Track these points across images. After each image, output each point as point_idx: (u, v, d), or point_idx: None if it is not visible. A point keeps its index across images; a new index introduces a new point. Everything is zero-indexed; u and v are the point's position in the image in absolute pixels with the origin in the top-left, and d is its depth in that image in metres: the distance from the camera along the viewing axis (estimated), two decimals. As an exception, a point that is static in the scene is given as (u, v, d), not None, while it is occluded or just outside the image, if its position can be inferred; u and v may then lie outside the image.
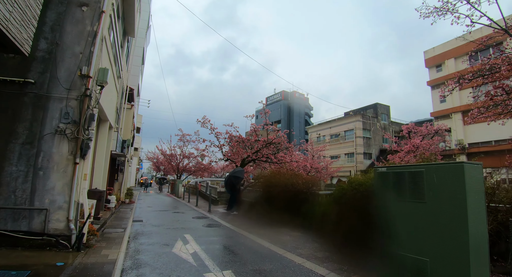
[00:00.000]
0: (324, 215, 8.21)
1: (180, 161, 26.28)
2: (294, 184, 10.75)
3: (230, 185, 12.80)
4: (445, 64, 27.30)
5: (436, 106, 27.89)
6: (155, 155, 44.57)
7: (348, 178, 12.60)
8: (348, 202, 7.41)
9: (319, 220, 8.44)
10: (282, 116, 74.44)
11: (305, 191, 10.23)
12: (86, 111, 6.23)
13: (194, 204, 17.38)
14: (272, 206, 11.35)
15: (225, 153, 15.43)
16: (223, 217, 11.67)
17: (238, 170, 13.09)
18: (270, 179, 11.71)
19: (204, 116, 15.81)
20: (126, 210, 13.55)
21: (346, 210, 7.33)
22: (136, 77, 21.38)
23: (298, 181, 10.91)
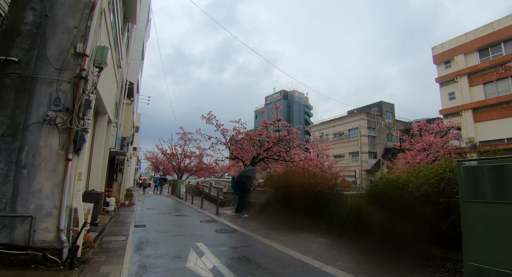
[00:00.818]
0: (357, 219, 7.13)
1: (181, 160, 25.10)
2: (314, 184, 9.65)
3: (240, 185, 11.68)
4: (454, 60, 26.38)
5: (445, 103, 26.95)
6: (154, 155, 43.34)
7: (355, 178, 11.64)
8: (391, 203, 6.33)
9: (350, 225, 7.35)
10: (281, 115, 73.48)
11: (328, 192, 9.13)
12: (81, 96, 5.09)
13: (198, 205, 16.24)
14: (288, 208, 10.26)
15: (232, 150, 14.30)
16: (234, 221, 10.54)
17: (249, 169, 11.97)
18: (286, 179, 10.61)
19: (210, 111, 14.69)
20: (127, 213, 12.38)
21: (389, 213, 6.26)
22: (136, 72, 20.18)
23: (318, 180, 9.82)
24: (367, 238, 6.78)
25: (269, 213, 11.79)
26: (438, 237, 5.65)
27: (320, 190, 9.32)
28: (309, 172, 10.88)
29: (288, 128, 13.74)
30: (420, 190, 6.03)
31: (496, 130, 23.50)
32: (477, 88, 24.92)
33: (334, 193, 9.03)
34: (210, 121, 14.75)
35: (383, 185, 6.90)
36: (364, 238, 6.85)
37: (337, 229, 7.81)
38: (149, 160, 45.44)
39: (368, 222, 6.73)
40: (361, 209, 7.22)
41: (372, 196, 7.10)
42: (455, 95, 26.15)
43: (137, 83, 21.61)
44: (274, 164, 14.58)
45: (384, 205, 6.61)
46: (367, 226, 6.78)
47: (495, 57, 24.21)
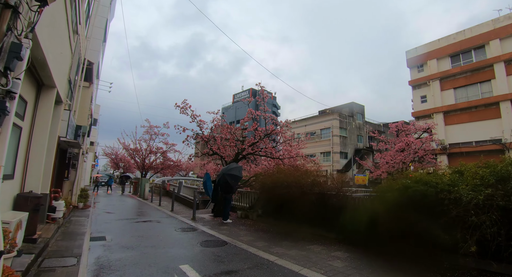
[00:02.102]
0: (376, 226, 5.67)
1: (146, 156, 22.40)
2: (317, 184, 8.10)
3: (224, 186, 9.79)
4: (427, 65, 26.61)
5: (417, 106, 27.12)
6: (113, 151, 39.50)
7: (326, 177, 10.41)
8: (430, 209, 5.01)
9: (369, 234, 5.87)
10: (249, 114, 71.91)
11: (337, 194, 7.60)
12: (4, 36, 2.99)
13: (167, 208, 14.00)
14: (283, 213, 8.61)
15: (210, 145, 12.33)
16: (217, 228, 8.64)
17: (234, 166, 10.11)
18: (282, 178, 8.92)
19: (184, 100, 12.57)
20: (80, 219, 9.90)
21: (427, 220, 4.94)
22: (97, 53, 17.28)
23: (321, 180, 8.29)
24: (391, 249, 5.37)
25: (258, 219, 10.04)
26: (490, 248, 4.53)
27: (325, 192, 7.78)
28: (310, 170, 9.30)
29: (274, 121, 12.09)
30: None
31: (465, 133, 23.92)
32: (448, 92, 25.28)
33: (343, 195, 7.51)
34: (184, 111, 12.64)
35: (422, 187, 5.49)
36: (387, 248, 5.43)
37: (354, 239, 6.29)
38: (108, 156, 41.34)
39: (394, 230, 5.30)
40: (385, 214, 5.76)
41: (392, 199, 5.67)
42: (427, 98, 26.38)
43: (98, 67, 18.67)
44: (260, 161, 12.87)
45: (419, 210, 5.24)
46: (392, 235, 5.36)
47: (465, 63, 24.69)
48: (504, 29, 22.64)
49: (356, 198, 7.54)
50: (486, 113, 23.19)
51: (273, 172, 10.38)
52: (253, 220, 10.24)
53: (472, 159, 22.13)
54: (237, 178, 9.83)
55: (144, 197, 19.19)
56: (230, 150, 12.65)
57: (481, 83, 23.78)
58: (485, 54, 23.73)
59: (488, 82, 23.41)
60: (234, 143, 12.14)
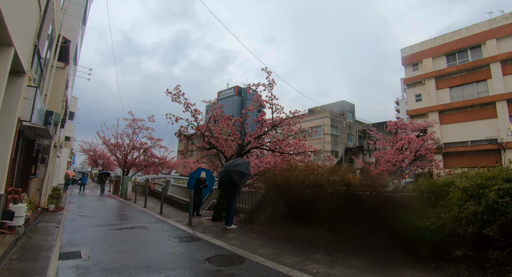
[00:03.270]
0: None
1: (129, 152, 20.23)
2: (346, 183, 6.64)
3: (228, 185, 8.12)
4: (422, 63, 25.97)
5: (412, 104, 26.46)
6: (92, 147, 36.68)
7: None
8: None
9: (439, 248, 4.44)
10: (234, 112, 70.00)
11: (384, 195, 6.14)
12: None
13: (154, 210, 12.14)
14: (304, 217, 7.09)
15: (207, 137, 10.60)
16: (223, 237, 6.98)
17: (240, 162, 8.44)
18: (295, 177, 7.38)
19: (177, 86, 10.80)
20: (49, 226, 7.93)
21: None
22: (74, 34, 15.10)
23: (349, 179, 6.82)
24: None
25: (267, 224, 8.43)
26: None
27: (381, 192, 6.28)
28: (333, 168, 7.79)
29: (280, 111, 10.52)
30: None
31: (461, 132, 23.40)
32: (443, 91, 24.70)
33: (390, 196, 6.06)
34: (177, 98, 10.85)
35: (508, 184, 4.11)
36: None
37: (412, 253, 4.83)
38: (86, 153, 38.45)
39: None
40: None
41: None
42: (422, 97, 25.73)
43: (76, 50, 16.44)
44: (265, 156, 11.31)
45: None
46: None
47: (461, 62, 24.21)
48: (500, 29, 22.22)
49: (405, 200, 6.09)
50: (482, 112, 22.74)
51: (285, 169, 8.83)
52: (261, 225, 8.63)
53: (468, 158, 21.46)
54: (245, 175, 8.18)
55: (126, 197, 17.11)
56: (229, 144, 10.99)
57: (477, 83, 23.34)
58: (481, 54, 23.31)
59: (484, 81, 22.98)
60: (237, 135, 10.49)
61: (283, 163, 10.19)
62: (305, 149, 10.35)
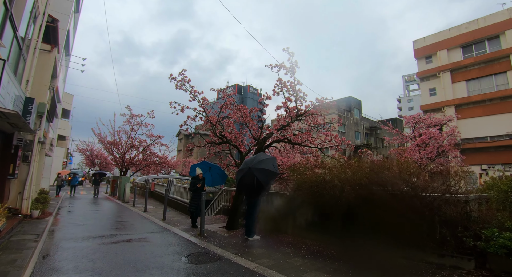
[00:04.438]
0: None
1: (127, 151, 18.50)
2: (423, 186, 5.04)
3: (254, 186, 6.45)
4: (436, 55, 24.38)
5: (426, 99, 24.87)
6: (88, 146, 34.91)
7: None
8: None
9: None
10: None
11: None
12: None
13: (156, 215, 10.47)
14: (358, 227, 5.48)
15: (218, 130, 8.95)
16: (247, 253, 5.32)
17: (265, 158, 6.77)
18: (343, 176, 5.75)
19: (183, 71, 9.14)
20: (25, 239, 6.22)
21: None
22: (65, 18, 13.36)
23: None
24: None
25: (301, 234, 6.77)
26: None
27: None
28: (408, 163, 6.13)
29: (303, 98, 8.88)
30: None
31: (479, 127, 21.84)
32: (460, 84, 23.14)
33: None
34: (182, 86, 9.21)
35: None
36: None
37: None
38: (83, 152, 36.66)
39: None
40: None
41: None
42: (437, 90, 24.16)
43: (68, 38, 14.69)
44: (289, 152, 9.68)
45: None
46: None
47: (478, 54, 22.65)
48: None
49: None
50: (502, 106, 21.18)
51: (320, 165, 7.22)
52: (288, 234, 6.98)
53: (487, 155, 19.86)
54: (271, 174, 6.51)
55: (124, 200, 15.39)
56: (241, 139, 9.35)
57: (496, 75, 21.78)
58: (500, 45, 21.75)
59: (504, 73, 21.43)
60: (256, 126, 8.85)
61: (310, 160, 8.57)
62: (339, 142, 8.72)
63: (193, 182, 8.12)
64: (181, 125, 9.19)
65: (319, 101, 8.94)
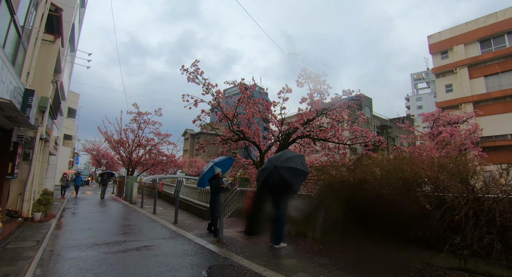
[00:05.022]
0: None
1: (134, 150, 17.81)
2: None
3: (280, 186, 5.64)
4: (452, 50, 23.37)
5: (442, 96, 23.86)
6: (94, 146, 34.40)
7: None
8: None
9: None
10: (241, 110, 67.65)
11: None
12: None
13: (166, 217, 9.71)
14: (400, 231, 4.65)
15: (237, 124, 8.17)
16: (278, 266, 4.50)
17: (292, 155, 5.95)
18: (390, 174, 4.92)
19: (196, 61, 8.36)
20: (23, 247, 5.47)
21: None
22: (70, 11, 12.69)
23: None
24: None
25: (331, 240, 5.93)
26: None
27: None
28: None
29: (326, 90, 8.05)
30: None
31: (499, 125, 20.80)
32: (478, 80, 22.11)
33: None
34: (195, 78, 8.44)
35: None
36: None
37: None
38: (89, 152, 36.14)
39: None
40: None
41: None
42: (453, 87, 23.14)
43: (73, 32, 14.01)
44: (310, 149, 8.88)
45: None
46: None
47: (498, 48, 21.60)
48: (544, 10, 19.61)
49: None
50: (524, 103, 20.15)
51: (355, 165, 6.39)
52: (318, 240, 6.14)
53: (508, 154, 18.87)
54: (301, 174, 5.69)
55: (131, 200, 14.68)
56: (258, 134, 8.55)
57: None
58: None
59: (525, 69, 20.39)
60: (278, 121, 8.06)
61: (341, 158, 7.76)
62: (370, 138, 7.89)
63: (216, 182, 6.97)
64: (194, 120, 8.43)
65: (345, 93, 8.11)
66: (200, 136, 60.23)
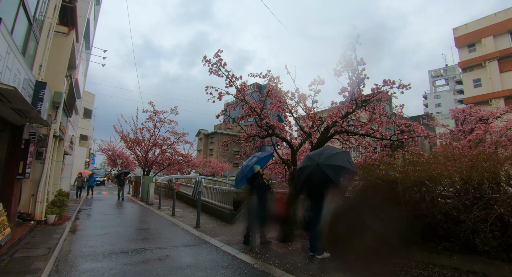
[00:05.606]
0: None
1: (150, 149, 17.27)
2: None
3: (321, 187, 4.79)
4: (481, 43, 21.91)
5: (469, 91, 22.42)
6: (110, 146, 34.31)
7: None
8: None
9: None
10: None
11: None
12: None
13: (185, 220, 9.00)
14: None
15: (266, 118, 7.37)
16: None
17: (335, 152, 5.10)
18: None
19: (219, 51, 7.57)
20: (33, 257, 4.80)
21: None
22: (85, 5, 12.19)
23: None
24: None
25: (390, 251, 5.04)
26: None
27: None
28: None
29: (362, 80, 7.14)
30: None
31: (535, 122, 19.21)
32: (509, 74, 20.59)
33: None
34: (217, 70, 7.67)
35: None
36: None
37: None
38: (104, 152, 36.14)
39: None
40: None
41: None
42: (482, 81, 21.68)
43: (88, 29, 13.52)
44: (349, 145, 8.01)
45: None
46: None
47: (531, 39, 20.08)
48: None
49: None
50: (562, 97, 18.59)
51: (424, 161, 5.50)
52: (368, 250, 5.25)
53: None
54: (349, 173, 4.84)
55: (148, 202, 14.08)
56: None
57: (554, 62, 19.19)
58: (558, 28, 19.16)
59: None
60: (313, 115, 7.21)
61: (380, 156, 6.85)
62: (419, 133, 6.96)
63: (258, 182, 5.90)
64: (218, 115, 7.67)
65: (386, 83, 7.16)
66: (214, 136, 59.85)
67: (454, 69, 59.63)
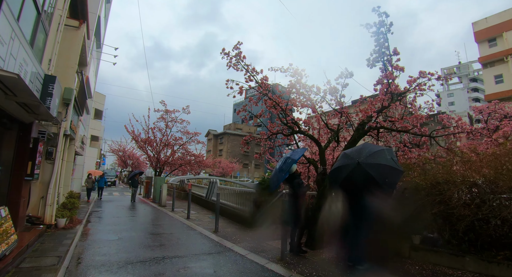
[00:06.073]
0: None
1: (162, 149, 16.82)
2: None
3: (363, 187, 4.16)
4: (502, 37, 20.88)
5: (490, 87, 21.40)
6: (121, 147, 34.11)
7: None
8: None
9: None
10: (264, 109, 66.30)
11: None
12: None
13: (201, 223, 8.44)
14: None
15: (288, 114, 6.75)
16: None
17: (378, 149, 4.45)
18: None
19: (238, 43, 6.98)
20: (40, 268, 4.26)
21: None
22: (96, 1, 11.79)
23: None
24: None
25: (442, 261, 4.37)
26: None
27: None
28: None
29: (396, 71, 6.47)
30: None
31: None
32: (534, 69, 19.56)
33: None
34: (237, 63, 7.08)
35: None
36: None
37: None
38: (115, 153, 35.95)
39: None
40: None
41: None
42: (504, 77, 20.65)
43: (99, 26, 13.13)
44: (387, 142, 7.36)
45: None
46: None
47: (557, 32, 18.99)
48: None
49: None
50: None
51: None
52: (414, 259, 4.58)
53: None
54: (395, 172, 4.20)
55: (161, 203, 13.58)
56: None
57: None
58: None
59: None
60: (345, 109, 6.57)
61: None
62: (463, 128, 6.27)
63: (298, 182, 5.30)
64: (239, 111, 7.10)
65: (423, 75, 6.46)
66: (223, 137, 59.43)
67: (468, 66, 57.89)
